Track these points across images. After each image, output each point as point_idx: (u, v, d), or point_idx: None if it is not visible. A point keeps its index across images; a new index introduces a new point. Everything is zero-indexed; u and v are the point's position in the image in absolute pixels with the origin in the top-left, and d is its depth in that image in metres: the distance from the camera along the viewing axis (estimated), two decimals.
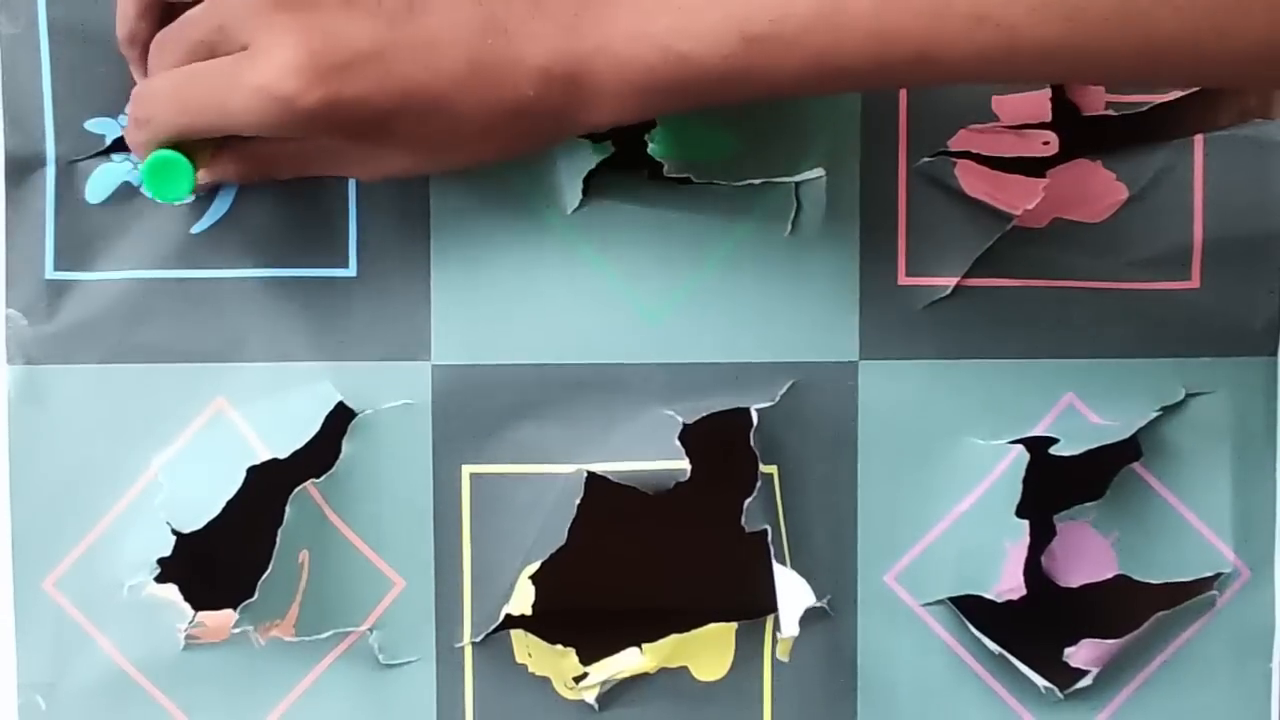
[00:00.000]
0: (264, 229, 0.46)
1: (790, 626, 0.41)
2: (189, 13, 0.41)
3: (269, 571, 0.44)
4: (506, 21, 0.39)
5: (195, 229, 0.46)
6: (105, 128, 0.46)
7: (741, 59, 0.38)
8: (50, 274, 0.46)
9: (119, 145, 0.46)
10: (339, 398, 0.46)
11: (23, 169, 0.46)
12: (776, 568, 0.43)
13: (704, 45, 0.38)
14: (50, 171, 0.46)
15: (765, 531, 0.45)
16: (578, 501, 0.45)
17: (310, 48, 0.38)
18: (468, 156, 0.42)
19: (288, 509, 0.45)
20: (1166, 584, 0.48)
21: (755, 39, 0.38)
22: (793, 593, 0.42)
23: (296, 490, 0.45)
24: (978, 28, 0.36)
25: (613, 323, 0.47)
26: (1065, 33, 0.36)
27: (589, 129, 0.41)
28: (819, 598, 0.46)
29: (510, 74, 0.40)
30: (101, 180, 0.46)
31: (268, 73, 0.38)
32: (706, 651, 0.48)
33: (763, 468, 0.46)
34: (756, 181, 0.46)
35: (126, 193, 0.46)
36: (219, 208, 0.46)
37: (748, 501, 0.45)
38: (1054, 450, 0.47)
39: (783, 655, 0.41)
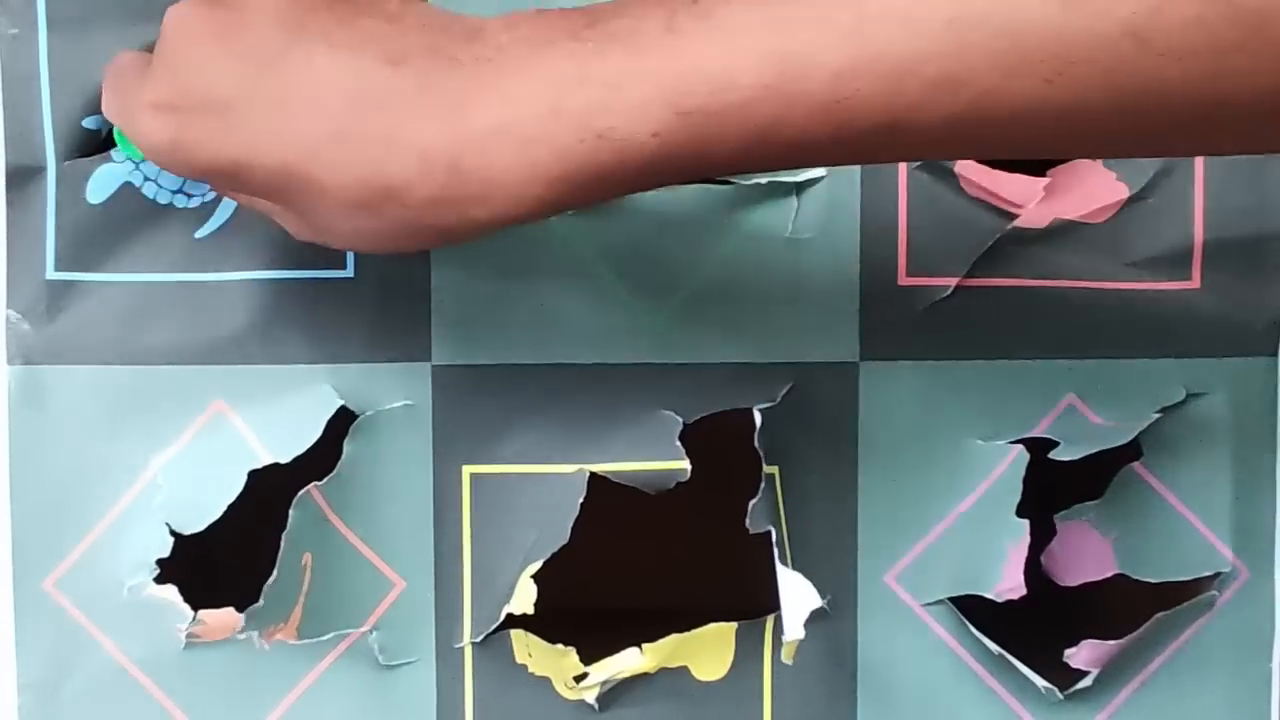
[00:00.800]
0: (264, 232, 0.46)
1: (795, 629, 0.41)
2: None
3: (274, 576, 0.44)
4: (387, 93, 0.34)
5: (199, 234, 0.46)
6: (103, 124, 0.46)
7: (673, 137, 0.33)
8: (51, 274, 0.46)
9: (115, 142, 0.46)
10: (340, 402, 0.46)
11: (23, 169, 0.45)
12: (781, 570, 0.43)
13: (629, 123, 0.33)
14: (50, 172, 0.45)
15: (768, 532, 0.45)
16: (581, 500, 0.45)
17: (173, 84, 0.36)
18: (349, 238, 0.37)
19: (291, 513, 0.45)
20: (1166, 584, 0.48)
21: (690, 113, 0.33)
22: (797, 595, 0.42)
23: (300, 494, 0.45)
24: (948, 93, 0.32)
25: (613, 323, 0.47)
26: (1046, 95, 0.32)
27: (486, 226, 0.35)
28: (820, 598, 0.46)
29: (380, 152, 0.34)
30: (102, 180, 0.46)
31: (140, 101, 0.37)
32: (707, 651, 0.48)
33: (764, 468, 0.46)
34: (762, 181, 0.46)
35: (128, 193, 0.46)
36: (222, 214, 0.46)
37: (752, 503, 0.45)
38: (1054, 454, 0.47)
39: (787, 658, 0.41)
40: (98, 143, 0.46)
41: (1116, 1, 0.31)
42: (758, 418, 0.46)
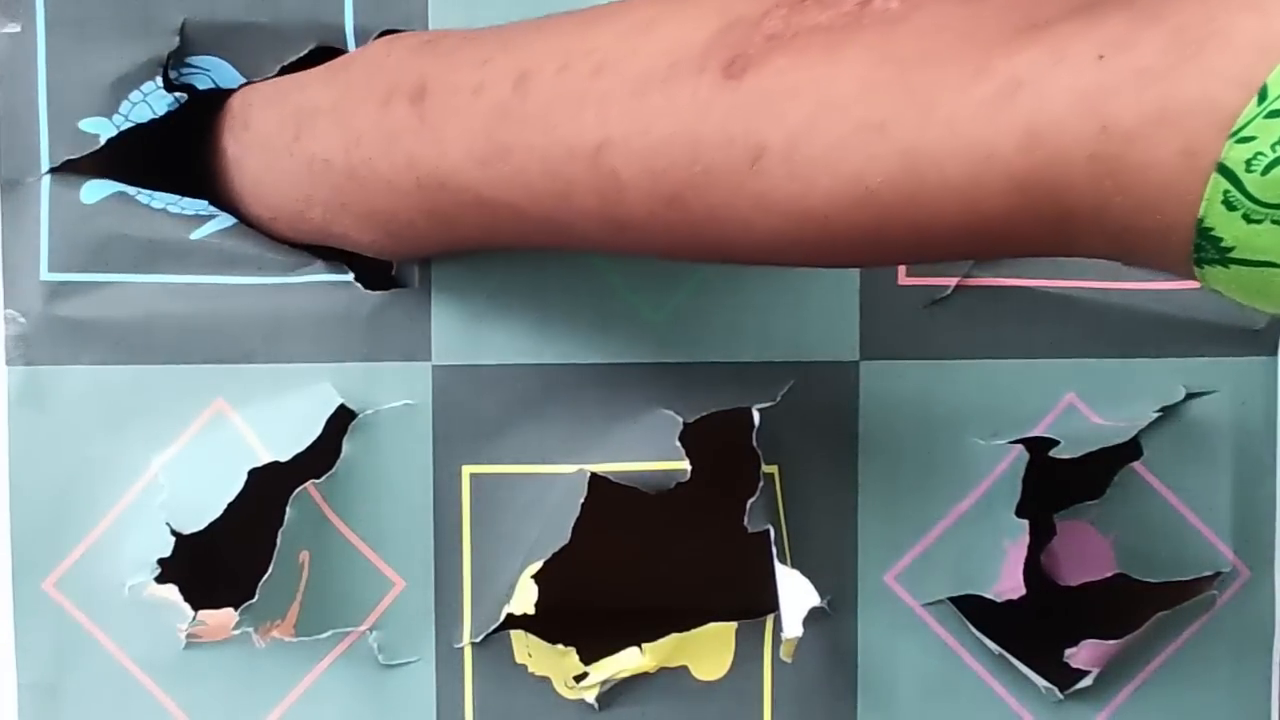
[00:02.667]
0: (264, 237, 0.46)
1: (794, 627, 0.41)
2: None
3: (269, 573, 0.44)
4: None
5: (195, 235, 0.46)
6: (99, 127, 0.45)
7: (389, 244, 0.43)
8: (45, 275, 0.46)
9: (109, 169, 0.46)
10: (340, 400, 0.46)
11: (18, 169, 0.45)
12: (779, 568, 0.43)
13: (357, 234, 0.43)
14: (44, 171, 0.45)
15: (767, 531, 0.45)
16: (581, 500, 0.45)
17: None
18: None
19: (288, 510, 0.45)
20: (1166, 583, 0.48)
21: (393, 235, 0.42)
22: (796, 593, 0.42)
23: (297, 491, 0.45)
24: (548, 230, 0.39)
25: (613, 323, 0.47)
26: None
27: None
28: (820, 597, 0.46)
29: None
30: (95, 186, 0.46)
31: None
32: (706, 651, 0.48)
33: (764, 467, 0.46)
34: None
35: (121, 198, 0.46)
36: (221, 221, 0.46)
37: (751, 501, 0.45)
38: (1054, 453, 0.47)
39: (786, 656, 0.41)
40: (95, 146, 0.45)
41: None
42: (756, 417, 0.46)
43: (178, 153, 0.49)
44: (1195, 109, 0.27)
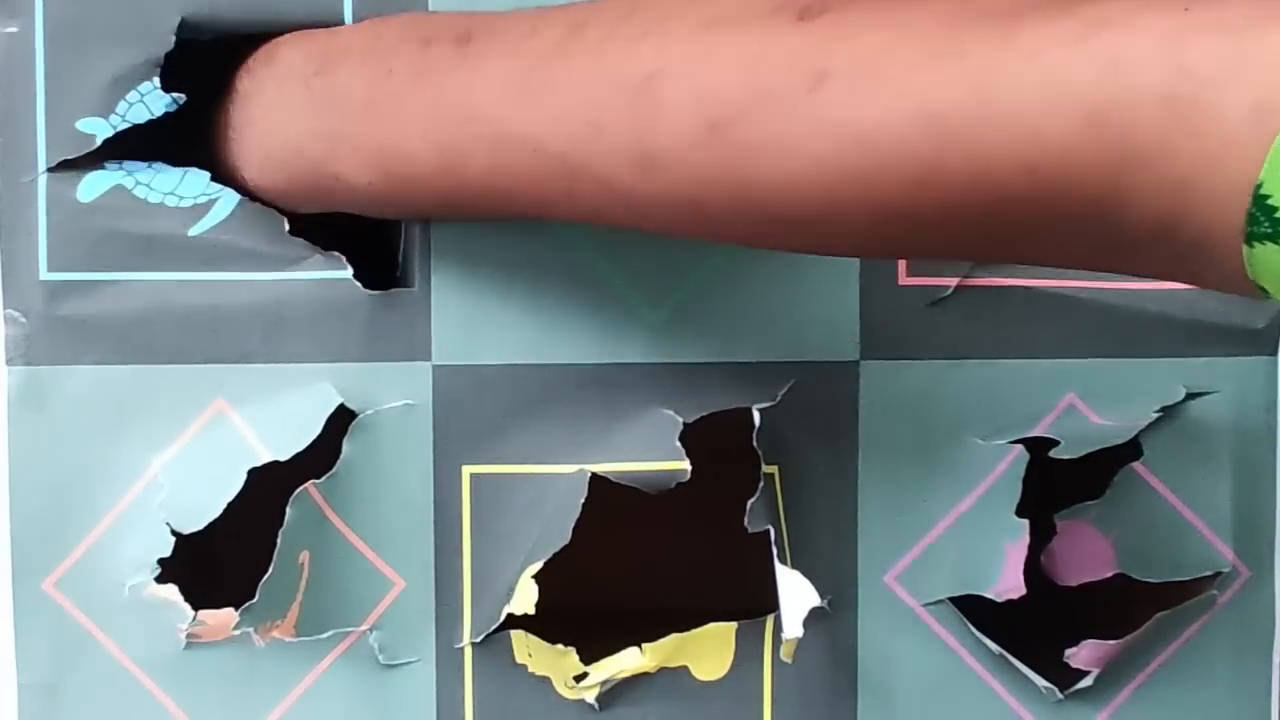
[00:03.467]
0: (263, 231, 0.46)
1: (794, 628, 0.41)
2: None
3: (270, 573, 0.44)
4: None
5: (192, 231, 0.46)
6: (96, 128, 0.45)
7: (385, 187, 0.42)
8: (44, 275, 0.46)
9: (109, 152, 0.46)
10: (339, 399, 0.46)
11: (16, 169, 0.45)
12: (780, 568, 0.43)
13: (355, 173, 0.42)
14: (41, 171, 0.45)
15: (767, 532, 0.45)
16: (582, 501, 0.45)
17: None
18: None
19: (288, 510, 0.45)
20: (1166, 583, 0.48)
21: (393, 175, 0.41)
22: (796, 593, 0.42)
23: (298, 491, 0.45)
24: (570, 171, 0.37)
25: (613, 323, 0.47)
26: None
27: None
28: (820, 597, 0.46)
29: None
30: (93, 181, 0.45)
31: None
32: (707, 651, 0.48)
33: (763, 467, 0.46)
34: None
35: (118, 193, 0.46)
36: (217, 214, 0.46)
37: (751, 502, 0.45)
38: (1054, 453, 0.47)
39: (786, 656, 0.41)
40: (91, 147, 0.45)
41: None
42: (756, 417, 0.46)
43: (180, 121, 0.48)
44: (1273, 64, 0.27)
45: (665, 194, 0.36)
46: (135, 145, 0.46)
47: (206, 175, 0.46)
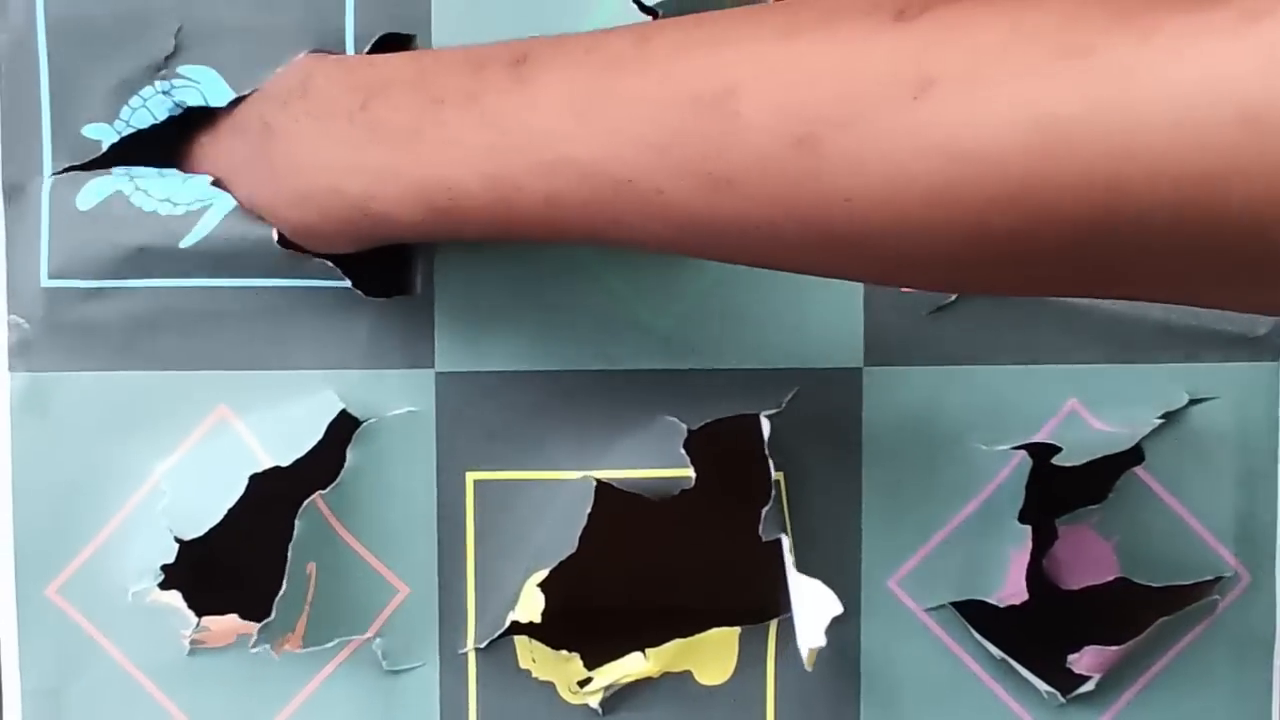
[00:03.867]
0: (254, 243, 0.45)
1: (816, 637, 0.41)
2: None
3: (284, 590, 0.44)
4: (242, 163, 0.44)
5: (183, 243, 0.45)
6: (101, 133, 0.45)
7: (431, 221, 0.39)
8: (45, 282, 0.45)
9: (114, 158, 0.45)
10: (341, 405, 0.46)
11: (21, 175, 0.45)
12: (799, 577, 0.43)
13: (399, 209, 0.39)
14: (46, 177, 0.45)
15: (778, 540, 0.45)
16: (588, 510, 0.45)
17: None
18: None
19: (297, 523, 0.45)
20: (1168, 588, 0.49)
21: (440, 210, 0.38)
22: (817, 601, 0.42)
23: (305, 504, 0.45)
24: (633, 196, 0.35)
25: (616, 330, 0.47)
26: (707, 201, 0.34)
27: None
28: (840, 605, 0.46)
29: (262, 207, 0.44)
30: (93, 189, 0.45)
31: None
32: (710, 656, 0.48)
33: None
34: None
35: (117, 200, 0.45)
36: (208, 223, 0.45)
37: (765, 510, 0.45)
38: (1057, 460, 0.47)
39: (809, 665, 0.41)
40: (97, 152, 0.45)
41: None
42: (766, 425, 0.46)
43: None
44: None
45: (739, 217, 0.33)
46: (146, 152, 0.46)
47: (207, 179, 0.45)
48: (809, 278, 0.46)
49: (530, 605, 0.46)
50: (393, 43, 0.45)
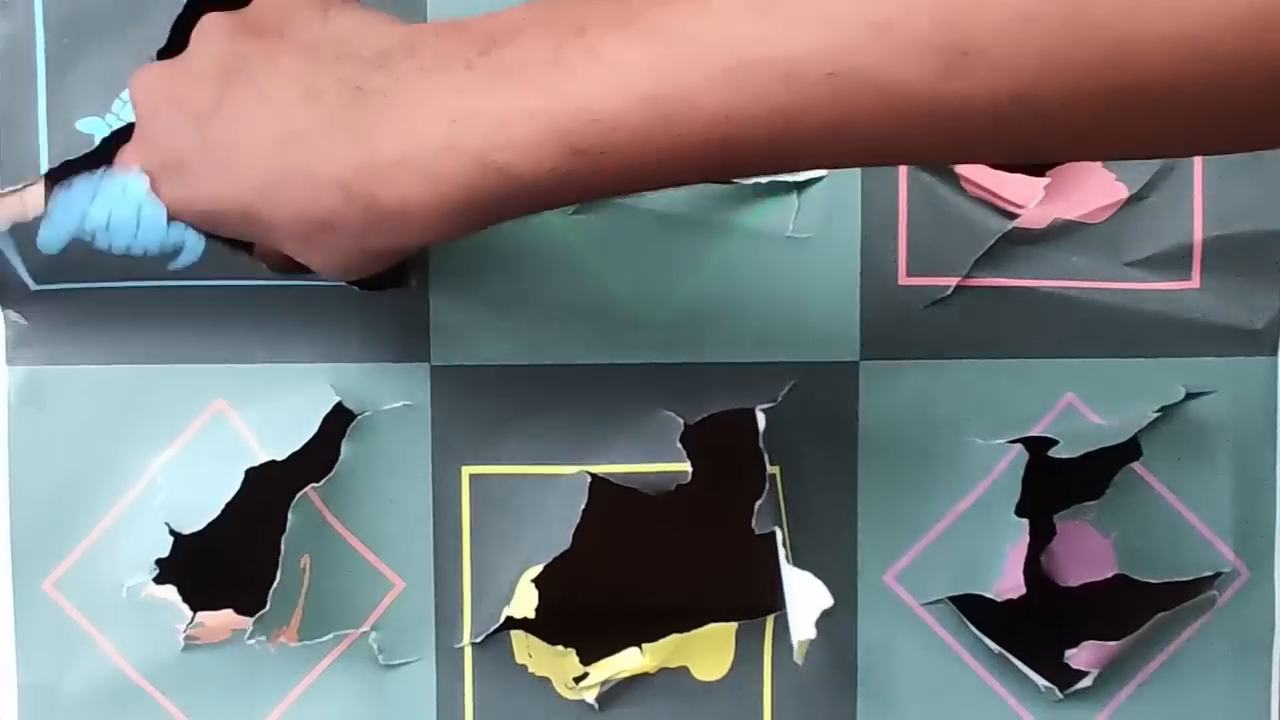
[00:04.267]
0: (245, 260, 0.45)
1: (807, 629, 0.41)
2: None
3: (277, 582, 0.44)
4: (305, 130, 0.36)
5: (172, 267, 0.43)
6: (95, 128, 0.45)
7: (569, 169, 0.34)
8: (35, 288, 0.45)
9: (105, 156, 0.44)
10: (337, 399, 0.46)
11: (15, 171, 0.45)
12: (790, 569, 0.43)
13: (525, 158, 0.34)
14: (42, 173, 0.45)
15: (772, 533, 0.45)
16: (582, 505, 0.45)
17: (146, 151, 0.40)
18: (317, 266, 0.39)
19: (290, 516, 0.45)
20: (1166, 584, 0.48)
21: (584, 151, 0.33)
22: (808, 594, 0.42)
23: (299, 496, 0.45)
24: (829, 137, 0.31)
25: (612, 323, 0.47)
26: (902, 139, 0.31)
27: (414, 248, 0.38)
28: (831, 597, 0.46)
29: (308, 189, 0.36)
30: (50, 235, 0.42)
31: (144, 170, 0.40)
32: (707, 651, 0.48)
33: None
34: (761, 181, 0.46)
35: (79, 247, 0.42)
36: (190, 254, 0.42)
37: (758, 503, 0.45)
38: (1053, 453, 0.47)
39: (799, 658, 0.41)
40: (91, 147, 0.45)
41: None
42: (761, 419, 0.46)
43: None
44: None
45: (979, 93, 0.29)
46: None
47: (163, 222, 0.40)
48: (805, 271, 0.47)
49: (525, 600, 0.46)
50: None
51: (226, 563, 0.47)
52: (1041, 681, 0.48)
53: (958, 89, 0.30)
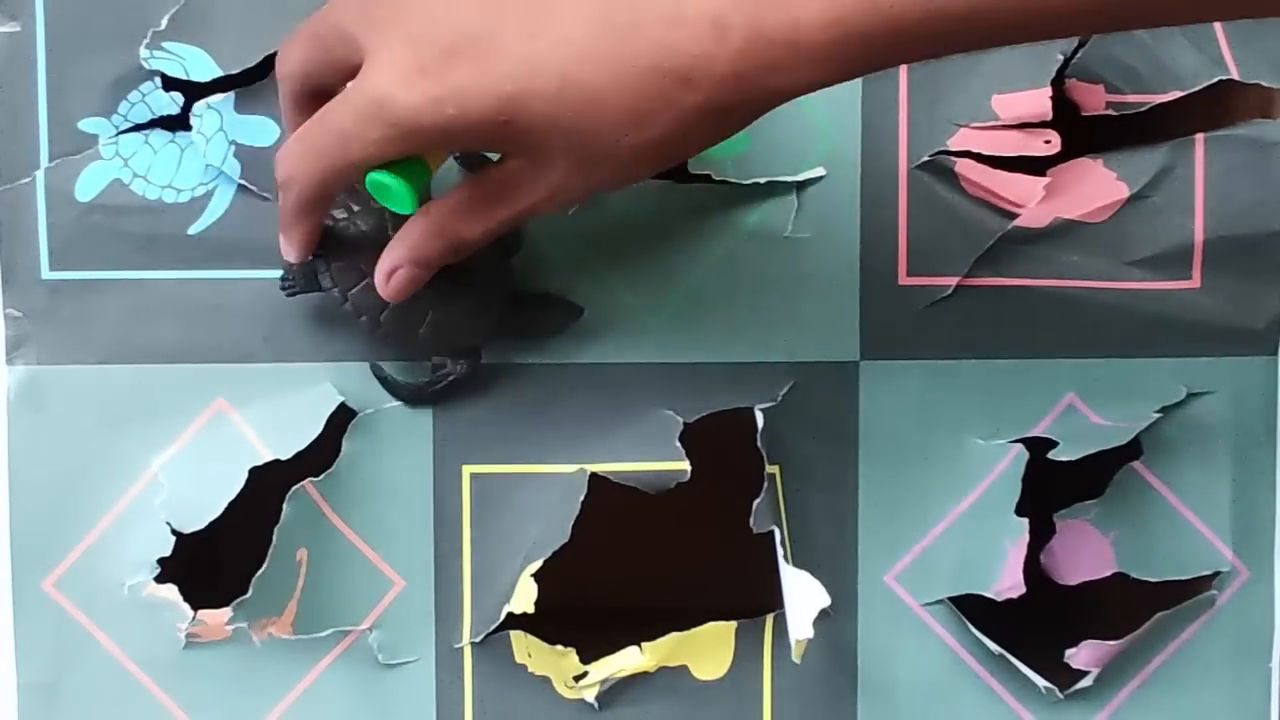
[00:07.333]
0: (264, 229, 0.46)
1: (805, 628, 0.41)
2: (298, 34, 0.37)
3: (264, 569, 0.44)
4: None
5: (192, 230, 0.46)
6: (98, 128, 0.45)
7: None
8: (46, 274, 0.46)
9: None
10: (341, 398, 0.46)
11: (16, 168, 0.45)
12: (789, 569, 0.43)
13: None
14: (42, 171, 0.45)
15: (771, 532, 0.45)
16: (581, 499, 0.45)
17: (407, 39, 0.33)
18: (630, 161, 0.34)
19: (285, 507, 0.45)
20: (1166, 583, 0.48)
21: None
22: (806, 594, 0.42)
23: (294, 489, 0.45)
24: None
25: (613, 322, 0.47)
26: None
27: (783, 97, 0.33)
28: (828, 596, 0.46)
29: (661, 32, 0.31)
30: (91, 178, 0.45)
31: (367, 81, 0.33)
32: (706, 650, 0.48)
33: (766, 468, 0.46)
34: (760, 181, 0.46)
35: (117, 189, 0.45)
36: (215, 209, 0.46)
37: (756, 502, 0.45)
38: (1053, 454, 0.47)
39: (797, 657, 0.41)
40: (93, 146, 0.45)
41: None
42: (759, 418, 0.46)
43: None
44: None
45: None
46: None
47: (203, 162, 0.45)
48: (806, 272, 0.47)
49: (525, 596, 0.45)
50: None
51: (227, 561, 0.47)
52: (1042, 682, 0.48)
53: None
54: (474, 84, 0.32)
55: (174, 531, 0.45)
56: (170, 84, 0.45)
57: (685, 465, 0.45)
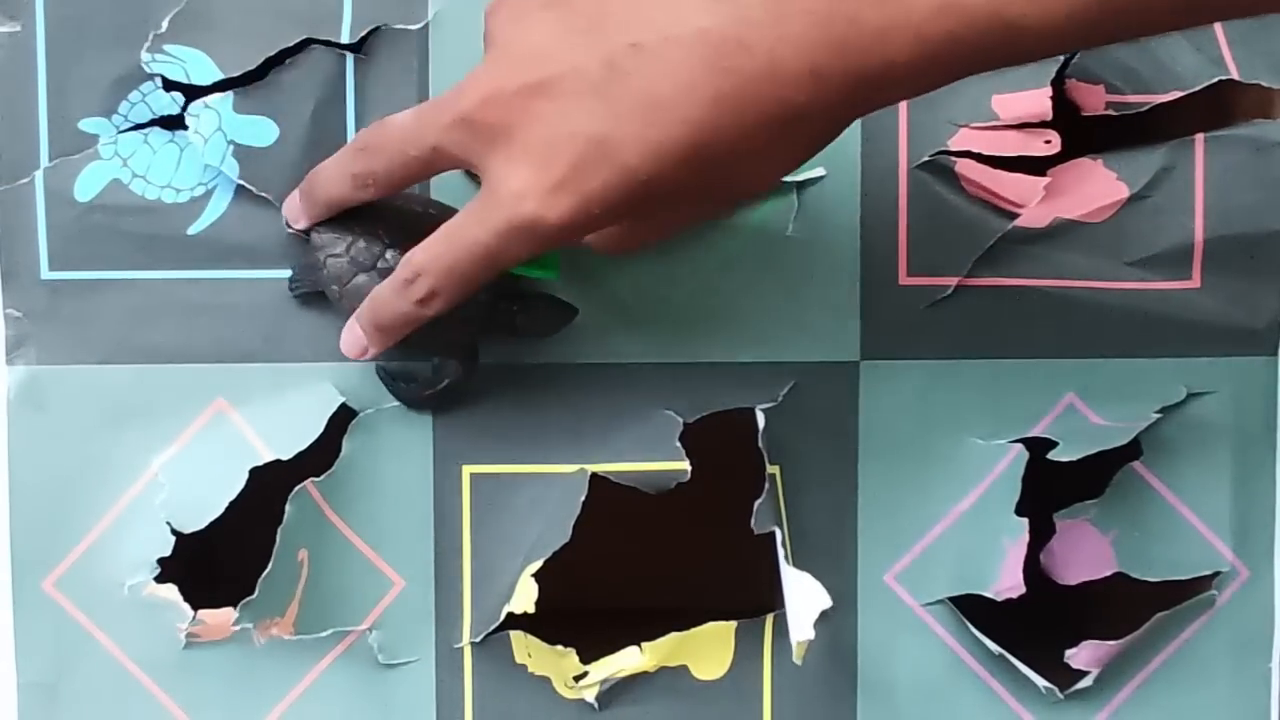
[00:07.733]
0: (263, 230, 0.46)
1: (805, 630, 0.41)
2: (390, 130, 0.39)
3: (268, 569, 0.44)
4: (742, 35, 0.34)
5: (191, 230, 0.46)
6: (99, 128, 0.45)
7: (1093, 14, 0.33)
8: (46, 274, 0.46)
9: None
10: (341, 399, 0.46)
11: (16, 168, 0.45)
12: (790, 570, 0.43)
13: (1040, 8, 0.33)
14: (42, 171, 0.45)
15: (772, 533, 0.45)
16: (581, 499, 0.45)
17: (530, 162, 0.35)
18: (749, 187, 0.38)
19: (287, 508, 0.45)
20: (1166, 583, 0.48)
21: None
22: (807, 595, 0.42)
23: (297, 489, 0.45)
24: None
25: (613, 322, 0.47)
26: None
27: (880, 106, 0.37)
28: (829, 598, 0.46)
29: (768, 90, 0.34)
30: (90, 178, 0.45)
31: (506, 205, 0.36)
32: (706, 650, 0.48)
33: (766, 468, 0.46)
34: None
35: (116, 189, 0.45)
36: (215, 209, 0.46)
37: (757, 503, 0.45)
38: (1053, 454, 0.47)
39: (798, 659, 0.41)
40: (93, 146, 0.45)
41: None
42: (761, 418, 0.46)
43: None
44: None
45: None
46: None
47: (202, 162, 0.45)
48: (806, 272, 0.47)
49: (525, 596, 0.45)
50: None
51: (228, 561, 0.47)
52: (1042, 682, 0.48)
53: None
54: (610, 183, 0.35)
55: (174, 531, 0.45)
56: (170, 85, 0.45)
57: (685, 465, 0.45)
